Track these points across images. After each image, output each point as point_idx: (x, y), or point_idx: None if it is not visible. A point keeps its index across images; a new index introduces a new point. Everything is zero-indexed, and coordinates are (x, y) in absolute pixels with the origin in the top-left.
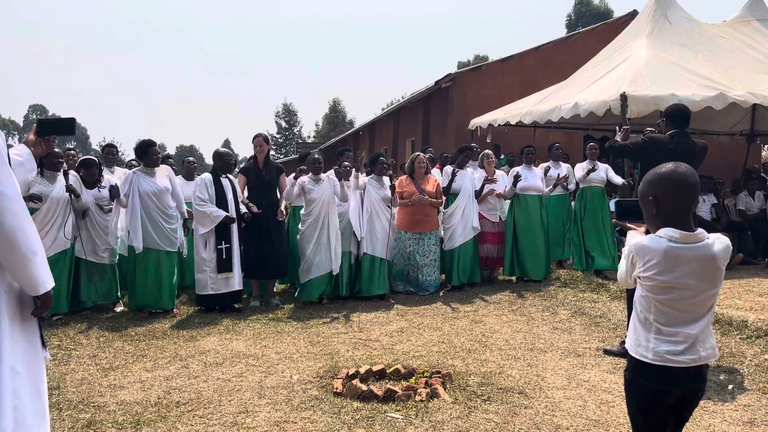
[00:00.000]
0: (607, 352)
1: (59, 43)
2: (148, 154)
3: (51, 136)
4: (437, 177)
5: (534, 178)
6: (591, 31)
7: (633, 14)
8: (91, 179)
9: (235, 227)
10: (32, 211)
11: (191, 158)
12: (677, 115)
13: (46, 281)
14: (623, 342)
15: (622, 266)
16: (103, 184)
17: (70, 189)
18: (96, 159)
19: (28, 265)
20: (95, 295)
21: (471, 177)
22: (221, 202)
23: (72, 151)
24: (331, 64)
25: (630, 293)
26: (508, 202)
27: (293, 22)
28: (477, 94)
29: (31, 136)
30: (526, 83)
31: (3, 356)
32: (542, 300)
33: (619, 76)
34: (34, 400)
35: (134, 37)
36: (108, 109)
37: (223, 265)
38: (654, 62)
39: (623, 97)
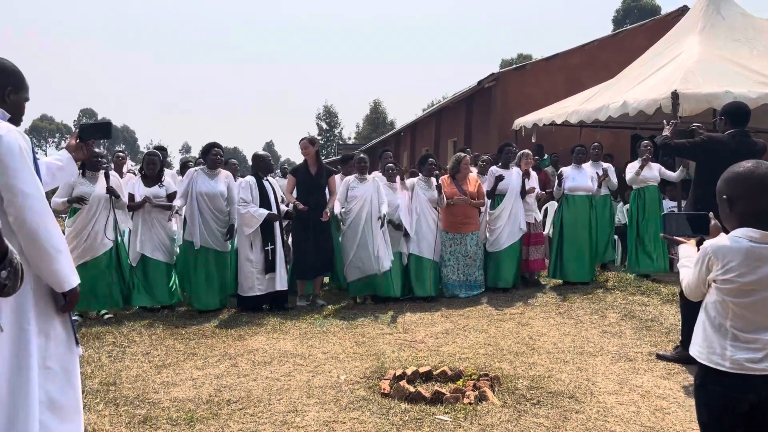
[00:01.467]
0: (660, 357)
1: (107, 47)
2: (208, 155)
3: (91, 140)
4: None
5: (583, 178)
6: (639, 28)
7: (683, 10)
8: (153, 172)
9: (278, 228)
10: (75, 211)
11: (233, 160)
12: (737, 113)
13: (70, 278)
14: (677, 347)
15: (692, 273)
16: (163, 182)
17: (110, 191)
18: (159, 153)
19: (52, 262)
20: (151, 296)
21: (518, 176)
22: (264, 203)
23: (121, 153)
24: (371, 64)
25: (686, 298)
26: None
27: (333, 24)
28: (520, 93)
29: (72, 141)
30: (572, 82)
31: (30, 352)
32: (590, 303)
33: (669, 74)
34: (68, 393)
35: (178, 40)
36: (154, 111)
37: (269, 266)
38: (707, 59)
39: (675, 95)
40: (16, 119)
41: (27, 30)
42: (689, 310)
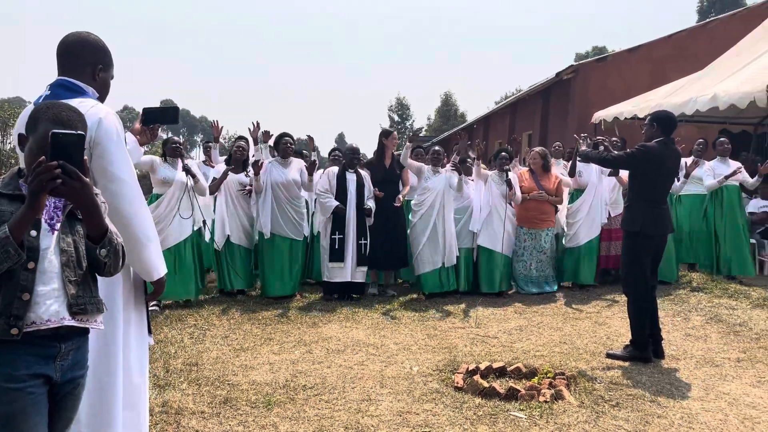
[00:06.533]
0: (610, 355)
1: (189, 41)
2: (279, 144)
3: (156, 125)
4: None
5: None
6: (731, 18)
7: None
8: (240, 156)
9: (352, 220)
10: (156, 197)
11: (305, 151)
12: (670, 122)
13: (159, 268)
14: (627, 345)
15: None
16: (249, 171)
17: (186, 168)
18: (247, 141)
19: (143, 250)
20: (236, 280)
21: (598, 170)
22: (341, 194)
23: (209, 143)
24: (443, 57)
25: (637, 299)
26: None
27: (405, 17)
28: (601, 85)
29: (137, 125)
30: (656, 74)
31: (117, 340)
32: (672, 304)
33: (765, 66)
34: (140, 384)
35: (259, 40)
36: (231, 104)
37: (335, 255)
38: None
39: None
40: (102, 98)
41: (111, 19)
42: (640, 311)
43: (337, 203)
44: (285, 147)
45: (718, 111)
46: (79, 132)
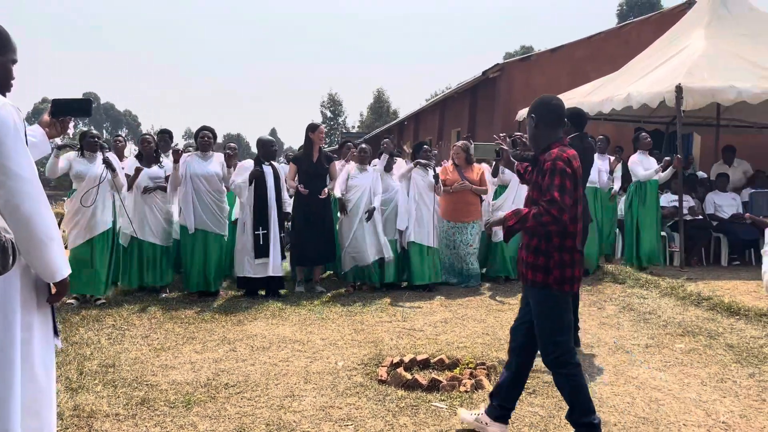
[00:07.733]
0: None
1: (111, 30)
2: (197, 137)
3: (66, 117)
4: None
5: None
6: (645, 21)
7: (690, 4)
8: (147, 152)
9: (274, 215)
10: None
11: (232, 144)
12: (581, 117)
13: (62, 268)
14: None
15: None
16: (163, 164)
17: (106, 161)
18: (152, 136)
19: (45, 251)
20: (145, 276)
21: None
22: (260, 187)
23: (121, 138)
24: (375, 55)
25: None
26: None
27: (339, 13)
28: (525, 84)
29: (46, 117)
30: (576, 74)
31: (15, 346)
32: (589, 295)
33: (674, 68)
34: (47, 390)
35: (185, 29)
36: (158, 97)
37: (260, 251)
38: (712, 53)
39: (678, 89)
40: (4, 85)
41: (31, 9)
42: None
43: (253, 168)
44: (203, 140)
45: (632, 110)
46: None
